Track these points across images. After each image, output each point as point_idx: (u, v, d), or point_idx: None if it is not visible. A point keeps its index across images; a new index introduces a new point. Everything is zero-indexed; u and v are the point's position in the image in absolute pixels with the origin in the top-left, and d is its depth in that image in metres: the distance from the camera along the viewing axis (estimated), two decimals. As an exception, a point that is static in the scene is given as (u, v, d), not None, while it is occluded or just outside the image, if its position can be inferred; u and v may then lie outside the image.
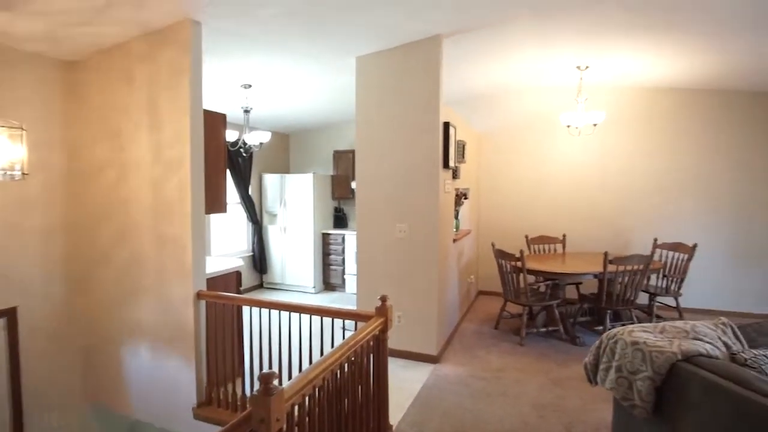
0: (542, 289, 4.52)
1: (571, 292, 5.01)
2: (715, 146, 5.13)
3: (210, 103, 3.86)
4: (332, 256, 6.34)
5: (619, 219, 5.51)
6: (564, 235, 5.35)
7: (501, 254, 4.26)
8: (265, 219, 6.51)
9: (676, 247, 4.67)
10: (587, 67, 4.41)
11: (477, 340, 4.33)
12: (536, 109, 5.67)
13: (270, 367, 2.81)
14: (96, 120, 3.16)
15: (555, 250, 5.30)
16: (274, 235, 6.44)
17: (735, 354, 1.92)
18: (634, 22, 3.22)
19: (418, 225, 3.69)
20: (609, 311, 4.17)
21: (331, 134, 6.79)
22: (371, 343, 2.33)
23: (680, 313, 4.56)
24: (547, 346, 4.12)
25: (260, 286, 6.58)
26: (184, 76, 2.78)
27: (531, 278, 4.35)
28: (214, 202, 3.22)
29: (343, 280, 6.28)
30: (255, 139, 4.84)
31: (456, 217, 4.76)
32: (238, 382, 3.18)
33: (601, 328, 4.23)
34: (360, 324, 2.40)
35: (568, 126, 4.71)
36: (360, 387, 2.24)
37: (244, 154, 5.46)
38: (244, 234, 6.46)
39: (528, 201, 5.90)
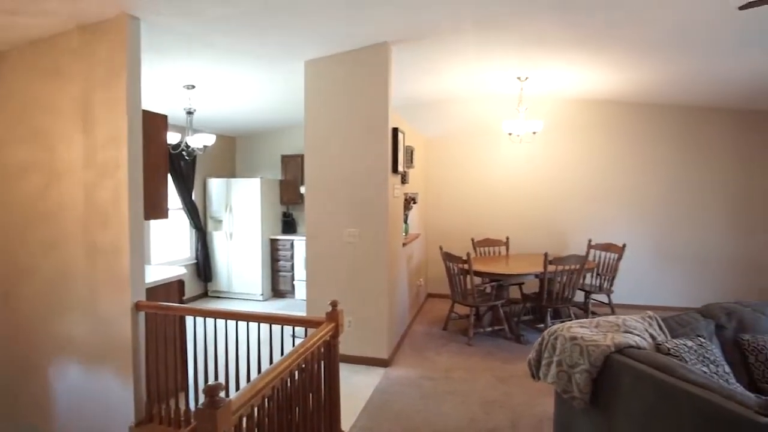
0: (488, 290, 4.68)
1: (514, 292, 5.23)
2: (645, 157, 5.58)
3: (150, 104, 3.68)
4: (281, 262, 6.21)
5: (557, 222, 5.83)
6: (507, 238, 5.59)
7: (448, 257, 4.37)
8: (210, 225, 6.27)
9: (607, 247, 5.01)
10: (527, 78, 4.64)
11: (427, 341, 4.40)
12: (481, 116, 5.89)
13: (216, 378, 2.70)
14: (19, 118, 2.90)
15: (499, 252, 5.51)
16: (219, 242, 6.21)
17: (660, 344, 2.09)
18: (570, 37, 3.44)
19: (368, 230, 3.71)
20: (549, 309, 4.39)
21: (279, 138, 6.67)
22: (322, 349, 2.30)
23: (612, 308, 4.90)
24: (493, 345, 4.27)
25: (205, 294, 6.31)
26: (121, 74, 2.63)
27: (477, 280, 4.50)
28: (154, 208, 3.06)
29: (293, 287, 6.16)
30: (198, 141, 4.66)
31: (405, 221, 4.83)
32: (182, 396, 3.03)
33: (542, 325, 4.45)
34: (310, 330, 2.36)
35: (510, 133, 4.93)
36: (311, 394, 2.21)
37: (187, 158, 5.24)
38: (187, 241, 6.18)
39: (474, 205, 6.10)
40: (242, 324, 2.65)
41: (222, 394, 1.37)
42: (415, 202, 5.12)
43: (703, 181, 5.46)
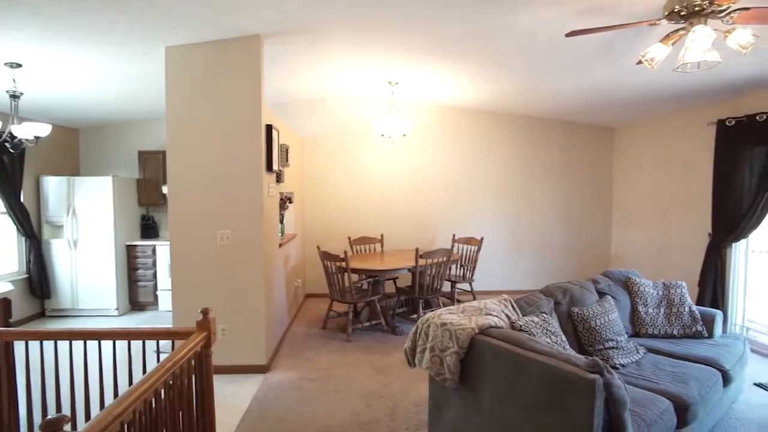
0: (365, 286, 4.81)
1: (389, 287, 5.48)
2: (498, 159, 6.31)
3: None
4: (140, 271, 5.55)
5: (426, 218, 6.27)
6: (382, 235, 5.83)
7: (326, 256, 4.39)
8: (46, 232, 5.31)
9: (468, 240, 5.55)
10: (397, 83, 4.89)
11: (306, 342, 4.36)
12: (356, 117, 6.03)
13: (59, 410, 2.31)
14: None
15: (375, 250, 5.71)
16: (59, 251, 5.30)
17: (513, 322, 2.39)
18: (436, 46, 3.71)
19: (242, 231, 3.53)
20: (421, 300, 4.70)
21: (135, 132, 5.95)
22: (193, 362, 2.12)
23: (474, 295, 5.43)
24: (371, 339, 4.41)
25: (41, 314, 5.33)
26: None
27: (355, 277, 4.60)
28: (-35, 212, 2.49)
29: (156, 297, 5.56)
30: (28, 132, 3.90)
31: (281, 222, 4.72)
32: (11, 438, 2.52)
33: (416, 316, 4.74)
34: (178, 343, 2.16)
35: (383, 135, 5.14)
36: (181, 413, 2.02)
37: (12, 151, 4.36)
38: (15, 251, 5.14)
39: (350, 204, 6.22)
40: (93, 344, 2.30)
41: (67, 427, 1.18)
42: (291, 202, 5.02)
43: (543, 180, 6.38)
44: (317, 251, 4.54)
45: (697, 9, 2.12)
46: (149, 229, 5.84)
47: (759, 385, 3.33)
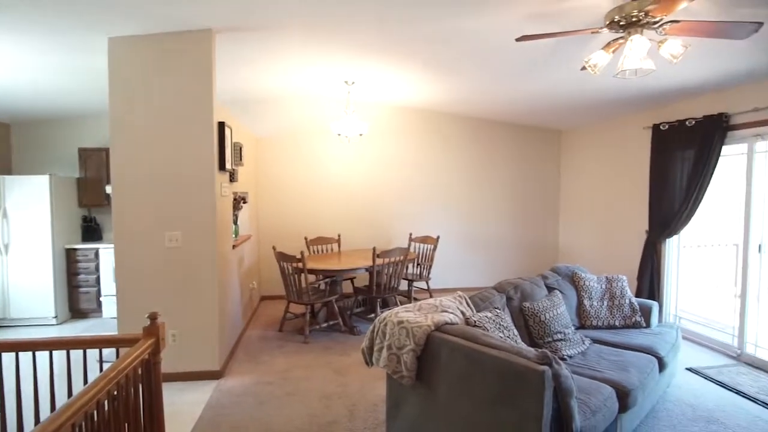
0: (322, 286, 4.77)
1: (347, 287, 5.46)
2: (452, 159, 6.45)
3: None
4: (82, 276, 5.22)
5: (383, 217, 6.30)
6: (339, 235, 5.80)
7: (282, 257, 4.31)
8: (-29, 236, 4.89)
9: (425, 239, 5.63)
10: (353, 83, 4.88)
11: (262, 345, 4.27)
12: (312, 116, 5.96)
13: (-12, 429, 2.13)
14: None
15: (332, 249, 5.68)
16: (-14, 257, 4.89)
17: (468, 318, 2.45)
18: (389, 47, 3.73)
19: (193, 232, 3.41)
20: (379, 299, 4.72)
21: (76, 128, 5.58)
22: (139, 370, 2.02)
23: (430, 293, 5.51)
24: (329, 340, 4.38)
25: (-35, 326, 4.90)
26: None
27: (312, 277, 4.55)
28: None
29: (99, 304, 5.25)
30: (-52, 128, 3.58)
31: (235, 222, 4.59)
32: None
33: (373, 315, 4.75)
34: (124, 351, 2.05)
35: (339, 134, 5.12)
36: (127, 425, 1.92)
37: (-71, 148, 3.99)
38: (-67, 258, 4.70)
39: (306, 204, 6.15)
40: (26, 356, 2.14)
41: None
42: (245, 202, 4.90)
43: (496, 180, 6.59)
44: (273, 252, 4.45)
45: (634, 20, 2.26)
46: (91, 231, 5.50)
47: (690, 369, 3.60)
